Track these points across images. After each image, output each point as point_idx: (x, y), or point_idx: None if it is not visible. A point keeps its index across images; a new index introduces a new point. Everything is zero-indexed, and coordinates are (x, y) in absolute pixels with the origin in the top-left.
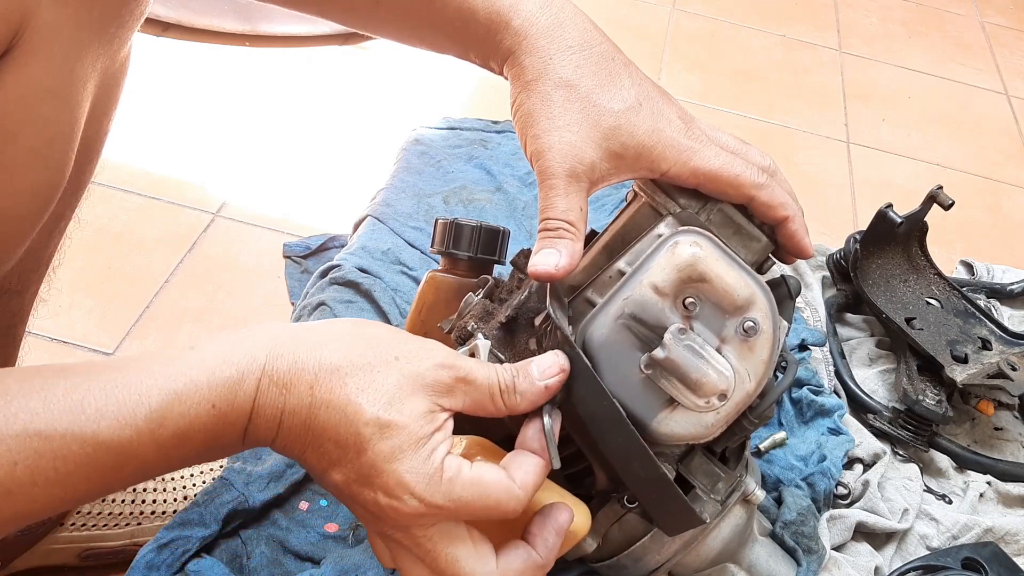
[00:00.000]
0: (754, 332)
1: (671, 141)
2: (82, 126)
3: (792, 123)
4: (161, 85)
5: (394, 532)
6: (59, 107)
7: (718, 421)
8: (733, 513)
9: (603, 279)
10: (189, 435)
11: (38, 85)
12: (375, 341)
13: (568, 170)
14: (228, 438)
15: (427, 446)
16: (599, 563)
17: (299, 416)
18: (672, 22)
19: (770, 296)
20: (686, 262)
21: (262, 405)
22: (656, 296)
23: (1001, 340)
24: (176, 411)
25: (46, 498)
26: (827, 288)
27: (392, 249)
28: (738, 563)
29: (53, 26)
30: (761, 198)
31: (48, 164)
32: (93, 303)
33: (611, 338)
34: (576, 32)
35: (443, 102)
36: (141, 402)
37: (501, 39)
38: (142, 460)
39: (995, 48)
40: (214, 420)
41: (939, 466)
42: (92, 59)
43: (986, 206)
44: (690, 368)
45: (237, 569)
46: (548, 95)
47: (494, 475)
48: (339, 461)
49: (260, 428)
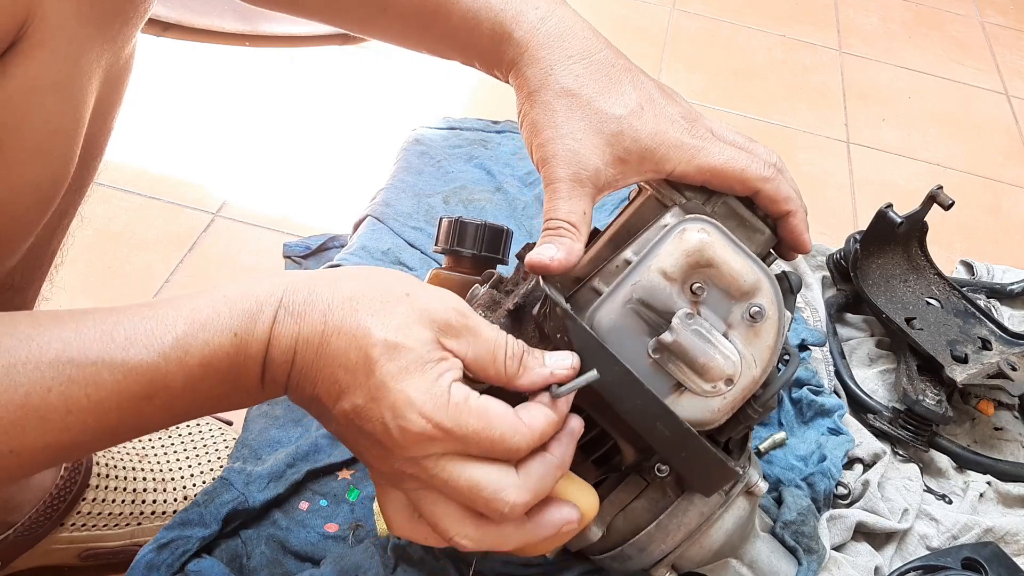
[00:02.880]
0: (760, 317)
1: (675, 141)
2: (86, 122)
3: (792, 123)
4: (161, 85)
5: (405, 466)
6: (63, 102)
7: (724, 406)
8: (736, 505)
9: (609, 268)
10: (213, 364)
11: (43, 79)
12: (390, 278)
13: (571, 175)
14: (249, 373)
15: (435, 370)
16: (603, 555)
17: (312, 345)
18: (672, 22)
19: (775, 283)
20: (694, 247)
21: (278, 335)
22: (664, 281)
23: (1001, 340)
24: (200, 338)
25: (79, 427)
26: (827, 288)
27: (392, 249)
28: (740, 558)
29: (58, 20)
30: (767, 191)
31: (52, 159)
32: (93, 303)
33: (619, 323)
34: (577, 41)
35: (443, 102)
36: (167, 330)
37: (504, 50)
38: (170, 391)
39: (995, 48)
40: (235, 349)
41: (939, 466)
42: (96, 55)
43: (986, 206)
44: (698, 352)
45: (237, 569)
46: (551, 104)
47: (502, 408)
48: (348, 388)
49: (276, 361)
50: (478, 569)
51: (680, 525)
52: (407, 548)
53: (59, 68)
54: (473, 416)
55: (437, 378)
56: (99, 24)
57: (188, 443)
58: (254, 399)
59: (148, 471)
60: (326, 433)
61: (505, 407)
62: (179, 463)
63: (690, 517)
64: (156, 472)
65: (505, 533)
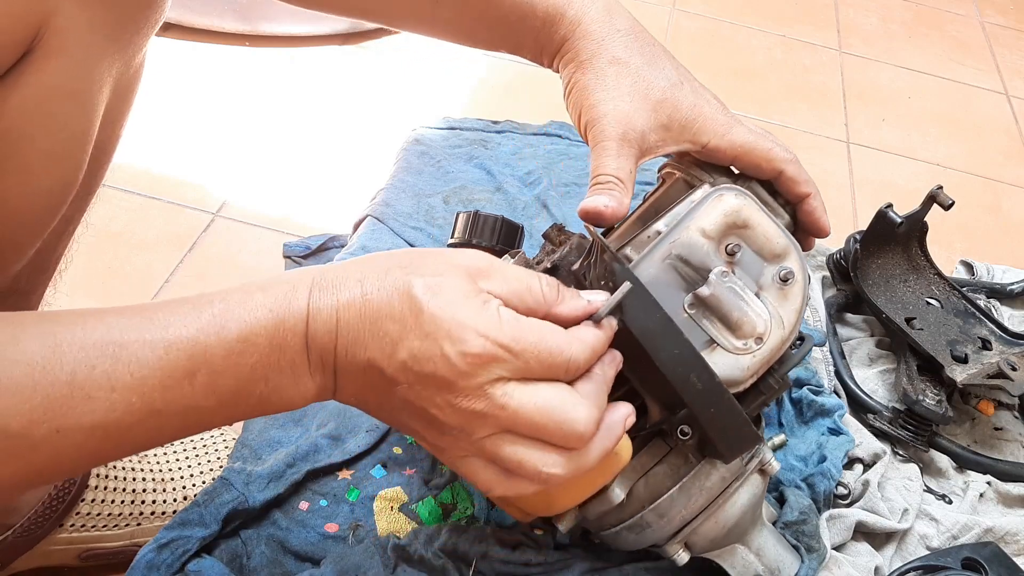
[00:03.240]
0: (790, 280)
1: (711, 116)
2: (96, 129)
3: (792, 123)
4: (161, 85)
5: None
6: (76, 110)
7: (753, 365)
8: (751, 481)
9: (641, 238)
10: (251, 339)
11: (56, 87)
12: (412, 249)
13: (621, 135)
14: (292, 346)
15: (480, 297)
16: (620, 525)
17: (354, 308)
18: (672, 22)
19: (800, 250)
20: (733, 208)
21: (317, 308)
22: (703, 239)
23: (1001, 340)
24: (236, 314)
25: (124, 405)
26: (827, 288)
27: (392, 249)
28: (747, 545)
29: (72, 29)
30: (789, 172)
31: (63, 166)
32: (93, 303)
33: (657, 277)
34: (623, 19)
35: (443, 102)
36: (203, 308)
37: (556, 30)
38: (212, 366)
39: (995, 48)
40: (273, 323)
41: (939, 466)
42: (108, 63)
43: (986, 206)
44: (732, 307)
45: (237, 569)
46: (602, 70)
47: (551, 325)
48: (400, 336)
49: (320, 333)
50: (478, 569)
51: (702, 489)
52: (407, 548)
53: (72, 76)
54: (528, 331)
55: (484, 303)
56: (112, 33)
57: (188, 443)
58: (304, 386)
59: (148, 471)
60: (326, 433)
61: (554, 325)
62: (179, 463)
63: (712, 481)
64: (156, 472)
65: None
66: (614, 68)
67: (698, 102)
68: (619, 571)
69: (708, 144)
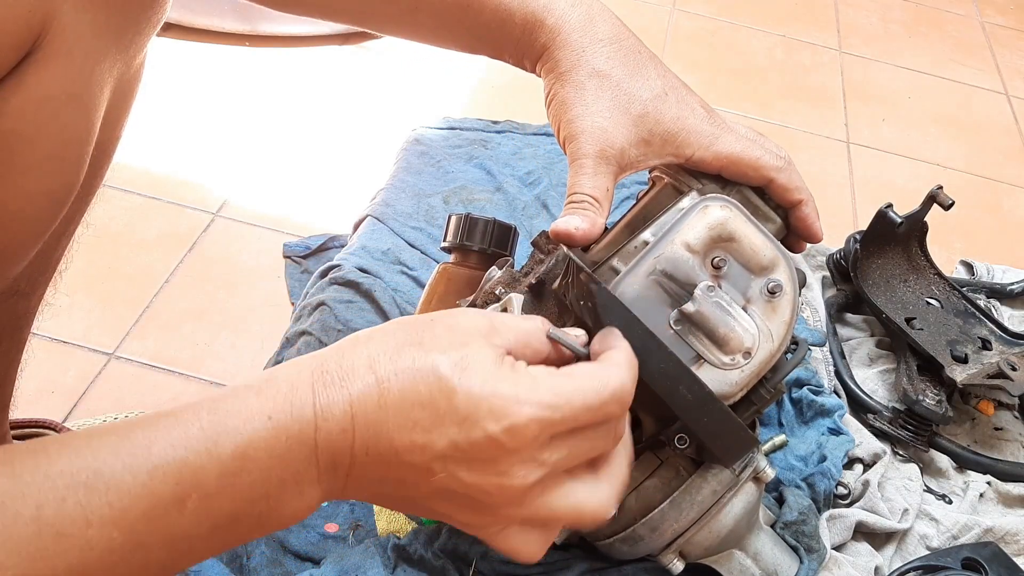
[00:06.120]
0: (779, 292)
1: (695, 128)
2: (97, 131)
3: (792, 123)
4: (161, 85)
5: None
6: (77, 111)
7: (742, 380)
8: (745, 489)
9: (628, 249)
10: (248, 454)
11: (58, 89)
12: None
13: (598, 152)
14: (297, 457)
15: (506, 361)
16: (612, 537)
17: (370, 400)
18: (672, 22)
19: (791, 261)
20: (717, 221)
21: (325, 406)
22: (687, 253)
23: (1001, 340)
24: (229, 425)
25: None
26: (827, 288)
27: (392, 249)
28: (744, 550)
29: (74, 30)
30: (780, 180)
31: (63, 168)
32: (93, 303)
33: (641, 294)
34: (606, 27)
35: (443, 102)
36: (191, 421)
37: (536, 37)
38: (204, 490)
39: (995, 48)
40: (273, 434)
41: (939, 466)
42: (110, 64)
43: (986, 206)
44: (718, 323)
45: (237, 569)
46: (582, 84)
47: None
48: (433, 424)
49: (334, 435)
50: (478, 569)
51: (693, 503)
52: (407, 548)
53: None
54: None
55: (512, 366)
56: (113, 35)
57: None
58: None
59: None
60: None
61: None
62: None
63: (703, 495)
64: None
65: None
66: (594, 81)
67: (682, 113)
68: (619, 571)
69: (692, 156)
